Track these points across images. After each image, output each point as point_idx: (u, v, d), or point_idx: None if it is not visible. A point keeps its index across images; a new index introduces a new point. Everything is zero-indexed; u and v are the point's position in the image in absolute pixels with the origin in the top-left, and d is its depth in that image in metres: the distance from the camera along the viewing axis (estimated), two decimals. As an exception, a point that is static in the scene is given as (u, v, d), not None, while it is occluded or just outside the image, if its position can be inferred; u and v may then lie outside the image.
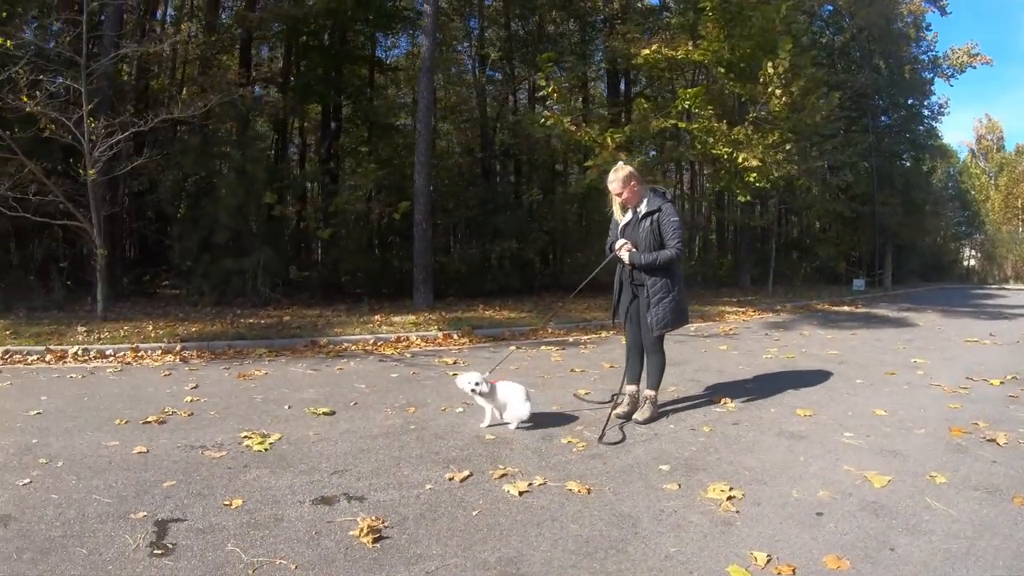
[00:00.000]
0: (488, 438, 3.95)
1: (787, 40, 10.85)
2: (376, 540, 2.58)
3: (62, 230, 8.31)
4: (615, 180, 4.29)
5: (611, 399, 4.62)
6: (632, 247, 4.28)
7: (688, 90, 11.36)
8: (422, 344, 8.04)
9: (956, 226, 39.12)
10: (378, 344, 7.85)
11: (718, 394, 5.11)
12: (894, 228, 21.86)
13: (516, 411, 4.13)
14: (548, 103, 11.19)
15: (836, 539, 2.64)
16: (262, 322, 8.83)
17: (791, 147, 11.62)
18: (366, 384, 5.54)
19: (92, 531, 2.66)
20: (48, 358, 6.41)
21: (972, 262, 43.16)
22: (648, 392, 4.46)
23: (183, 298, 10.16)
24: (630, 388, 4.55)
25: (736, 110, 12.28)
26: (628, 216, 4.37)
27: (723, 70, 11.83)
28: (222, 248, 10.17)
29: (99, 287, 8.03)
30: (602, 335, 8.79)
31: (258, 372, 6.01)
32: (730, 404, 4.82)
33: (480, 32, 16.24)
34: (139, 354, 6.66)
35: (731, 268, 18.00)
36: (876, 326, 10.21)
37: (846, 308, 13.11)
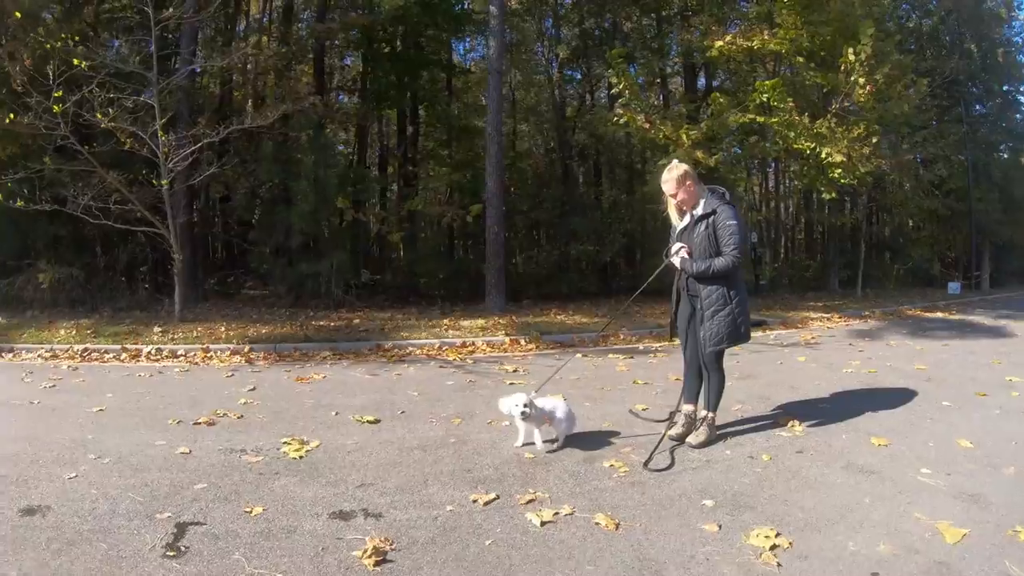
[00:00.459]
0: (527, 457, 3.74)
1: (868, 24, 10.02)
2: (378, 563, 2.47)
3: (145, 236, 8.95)
4: (669, 180, 3.98)
5: (668, 417, 4.30)
6: (688, 253, 3.96)
7: (765, 82, 10.68)
8: (487, 349, 7.90)
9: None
10: (443, 349, 7.80)
11: (787, 415, 4.66)
12: (992, 226, 20.15)
13: (558, 429, 3.88)
14: (620, 100, 10.84)
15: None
16: (332, 324, 9.01)
17: (878, 140, 10.73)
18: (419, 391, 5.45)
19: (117, 528, 2.79)
20: (123, 357, 6.81)
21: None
22: (706, 414, 4.11)
23: (261, 300, 10.68)
24: (687, 407, 4.22)
25: (820, 102, 11.49)
26: (686, 219, 4.04)
27: (802, 59, 11.08)
28: (297, 252, 10.59)
29: (177, 289, 8.55)
30: (675, 342, 8.35)
31: (317, 375, 6.08)
32: (798, 427, 4.36)
33: (555, 31, 16.13)
34: (208, 355, 6.95)
35: (819, 270, 17.12)
36: (970, 336, 9.30)
37: (939, 314, 12.11)
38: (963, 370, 6.48)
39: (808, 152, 10.87)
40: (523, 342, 8.35)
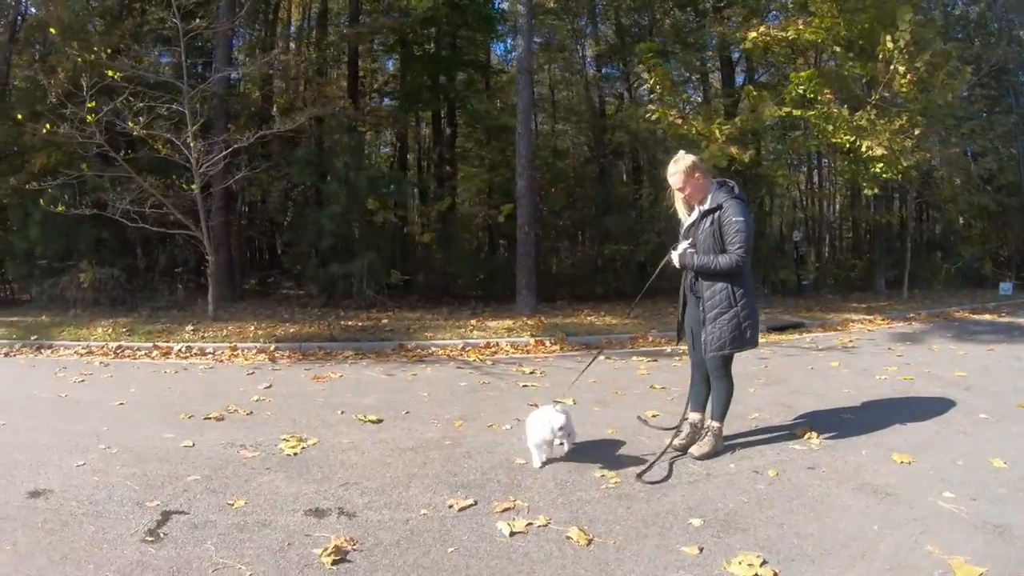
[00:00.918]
0: (518, 462, 3.66)
1: (906, 9, 9.50)
2: (336, 562, 2.51)
3: (183, 238, 9.40)
4: (675, 172, 3.78)
5: (677, 425, 4.09)
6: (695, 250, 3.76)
7: (800, 74, 10.27)
8: (511, 350, 7.88)
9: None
10: (465, 349, 7.83)
11: (806, 425, 4.37)
12: (1047, 222, 18.68)
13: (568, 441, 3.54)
14: (652, 96, 10.69)
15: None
16: (359, 324, 9.20)
17: (921, 132, 10.17)
18: (430, 392, 5.49)
19: (108, 512, 3.00)
20: (154, 354, 7.13)
21: None
22: (711, 423, 3.90)
23: (295, 300, 11.03)
24: (693, 416, 4.03)
25: (862, 94, 10.99)
26: (693, 215, 3.84)
27: (839, 49, 10.62)
28: (329, 253, 10.89)
29: (210, 289, 8.92)
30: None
31: (333, 375, 6.22)
32: (814, 440, 4.07)
33: (592, 28, 16.06)
34: (235, 353, 7.21)
35: (865, 270, 16.41)
36: (1019, 340, 8.71)
37: (988, 316, 11.46)
38: (1007, 378, 6.05)
39: (848, 146, 10.46)
40: (548, 343, 8.31)
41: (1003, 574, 2.51)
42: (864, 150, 10.13)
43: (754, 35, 10.97)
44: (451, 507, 3.06)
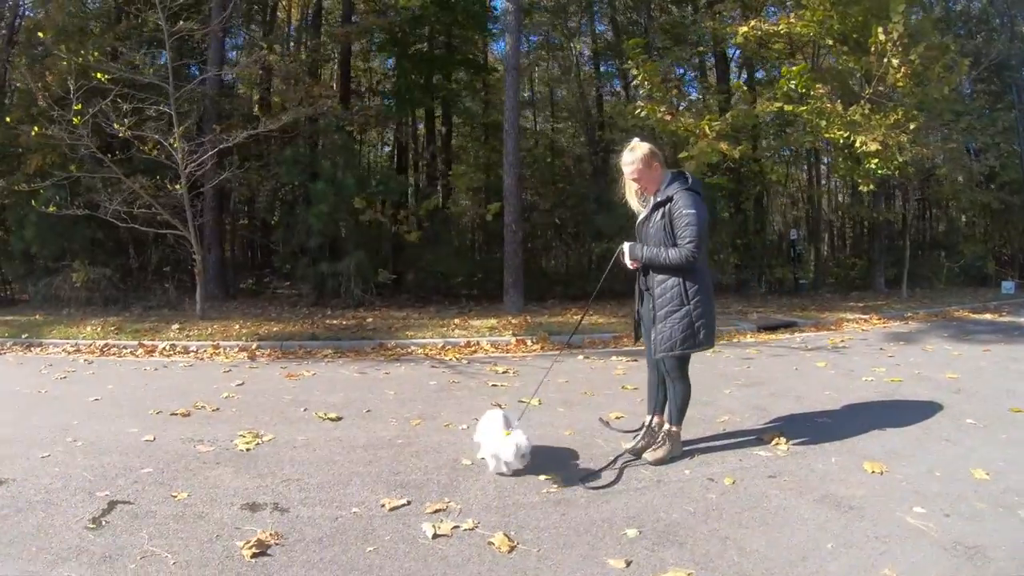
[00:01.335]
0: (464, 463, 3.71)
1: (899, 1, 9.43)
2: (256, 555, 2.62)
3: (175, 238, 9.68)
4: (631, 162, 3.63)
5: (638, 428, 4.01)
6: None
7: (792, 68, 10.30)
8: (491, 350, 8.03)
9: None
10: (445, 348, 8.01)
11: (776, 430, 4.26)
12: (1050, 220, 18.40)
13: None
14: (641, 92, 10.76)
15: None
16: (343, 323, 9.43)
17: (916, 126, 10.10)
18: (396, 391, 5.61)
19: (59, 501, 3.18)
20: (139, 352, 7.43)
21: None
22: (668, 427, 3.79)
23: (285, 299, 11.30)
24: (652, 419, 3.93)
25: (858, 88, 10.94)
26: (648, 207, 3.72)
27: (832, 42, 10.59)
28: (317, 252, 11.15)
29: (198, 288, 9.20)
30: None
31: (307, 373, 6.42)
32: (782, 445, 3.96)
33: (588, 25, 16.17)
34: (217, 351, 7.47)
35: (865, 270, 16.32)
36: (1017, 340, 8.60)
37: (988, 316, 11.38)
38: (1001, 380, 5.91)
39: (841, 141, 10.46)
40: (529, 343, 8.44)
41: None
42: (858, 145, 10.12)
43: (745, 29, 11.02)
44: (383, 506, 3.13)
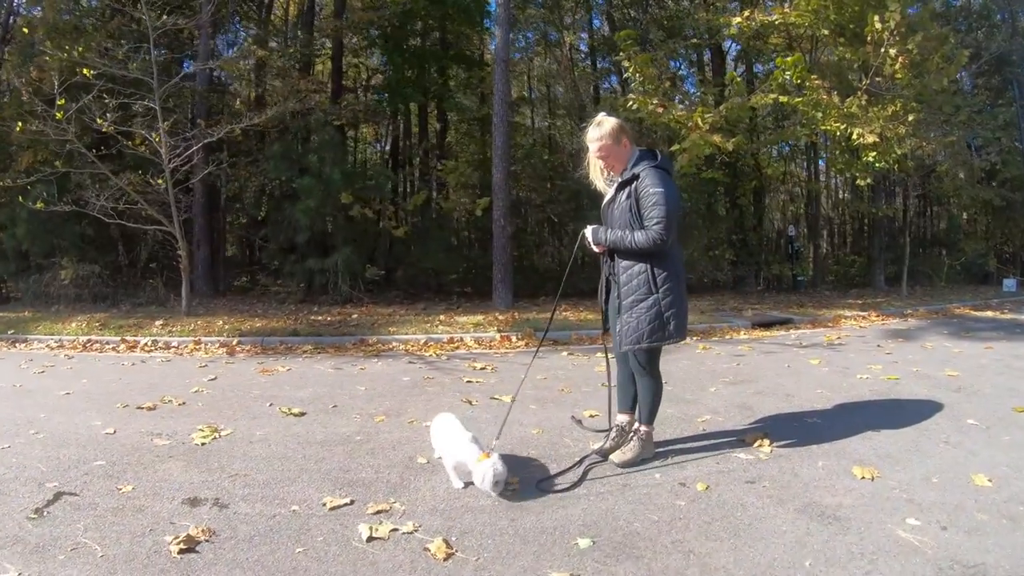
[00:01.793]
0: (419, 461, 3.62)
1: None
2: (183, 552, 2.62)
3: (164, 234, 9.81)
4: (598, 137, 3.35)
5: (608, 428, 3.82)
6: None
7: (787, 59, 10.22)
8: (473, 346, 8.09)
9: None
10: (427, 344, 8.08)
11: (761, 431, 4.05)
12: (1053, 217, 18.28)
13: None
14: (632, 85, 10.72)
15: None
16: (327, 319, 9.56)
17: (915, 118, 10.03)
18: (368, 387, 5.63)
19: (11, 491, 3.27)
20: (121, 348, 7.59)
21: None
22: (639, 427, 3.58)
23: (274, 296, 11.43)
24: (621, 418, 3.74)
25: (857, 80, 10.86)
26: (613, 187, 3.49)
27: (827, 32, 10.51)
28: (305, 248, 11.28)
29: (184, 285, 9.33)
30: (683, 343, 8.09)
31: (282, 368, 6.50)
32: (765, 447, 3.75)
33: (585, 19, 16.18)
34: (198, 346, 7.62)
35: (865, 267, 16.31)
36: (1020, 337, 8.51)
37: (990, 313, 11.34)
38: (1003, 379, 5.73)
39: (838, 134, 10.42)
40: (514, 339, 8.49)
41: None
42: (855, 138, 10.07)
43: (739, 20, 10.98)
44: (324, 505, 3.05)
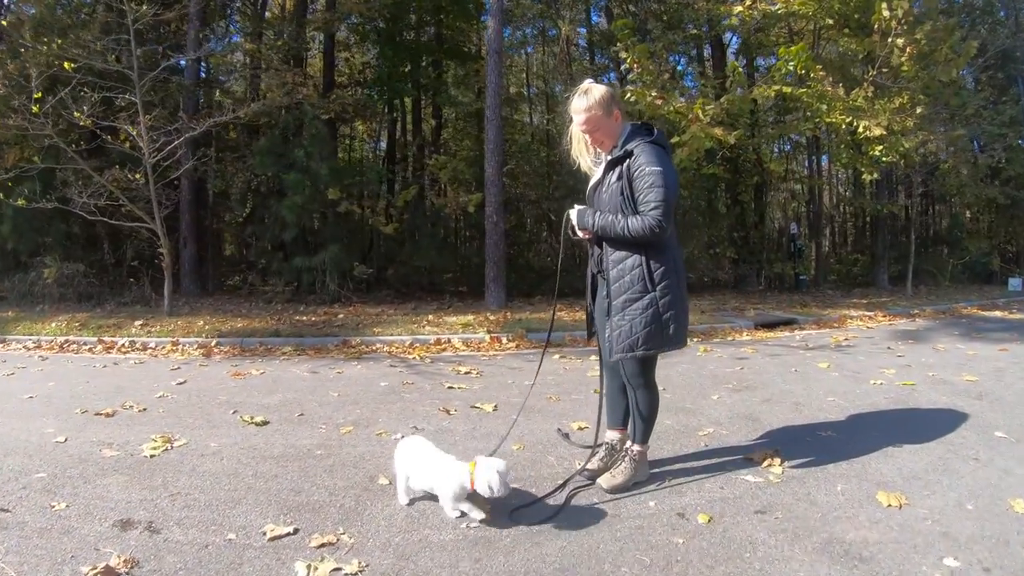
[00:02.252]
0: (380, 482, 3.33)
1: None
2: None
3: (148, 232, 9.67)
4: (585, 108, 2.89)
5: (593, 443, 3.39)
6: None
7: (790, 48, 9.93)
8: (461, 347, 7.93)
9: None
10: (413, 346, 7.92)
11: (770, 446, 3.69)
12: (1057, 216, 17.97)
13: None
14: (630, 76, 10.47)
15: None
16: (312, 320, 9.42)
17: (922, 110, 9.78)
18: (342, 392, 5.44)
19: None
20: (98, 348, 7.49)
21: None
22: (631, 446, 3.18)
23: (261, 295, 11.30)
24: (612, 435, 3.36)
25: (861, 73, 10.61)
26: (601, 167, 3.08)
27: (831, 22, 10.20)
28: (292, 246, 11.14)
29: (166, 283, 9.22)
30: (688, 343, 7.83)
31: (256, 371, 6.36)
32: (776, 468, 3.39)
33: (585, 14, 16.07)
34: (175, 347, 7.51)
35: (868, 266, 16.11)
36: None
37: (998, 313, 11.12)
38: None
39: (843, 127, 10.17)
40: (504, 340, 8.31)
41: None
42: (861, 131, 9.83)
43: (739, 9, 10.75)
44: (264, 534, 2.77)
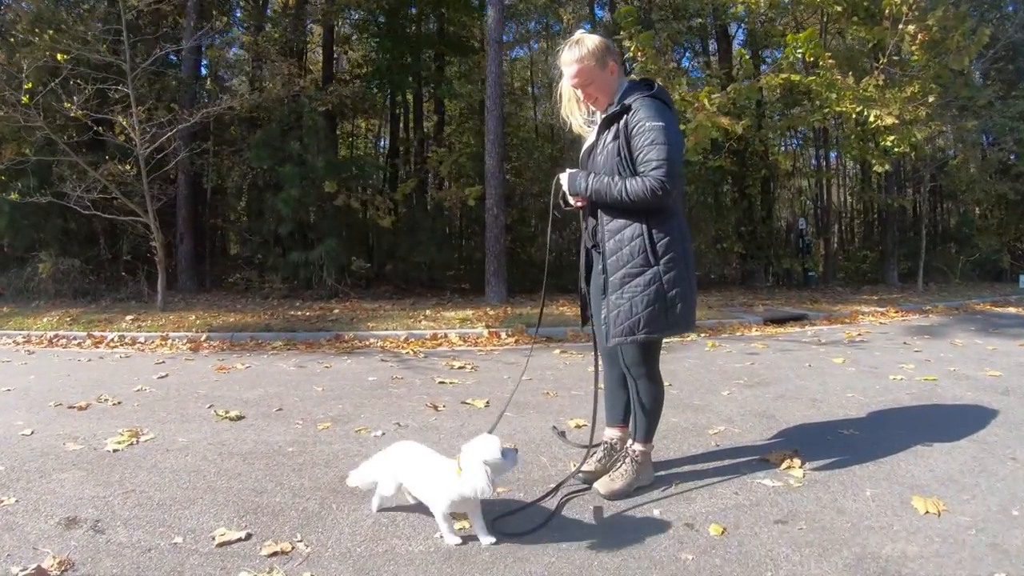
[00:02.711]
0: (349, 486, 2.98)
1: None
2: None
3: (144, 227, 9.61)
4: (577, 59, 2.56)
5: (589, 443, 3.04)
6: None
7: (798, 35, 9.65)
8: (458, 343, 7.78)
9: None
10: (408, 341, 7.76)
11: (788, 446, 3.38)
12: (1069, 213, 17.72)
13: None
14: (634, 66, 10.25)
15: None
16: (306, 314, 9.31)
17: (934, 99, 9.52)
18: (327, 387, 5.29)
19: None
20: (87, 343, 7.41)
21: None
22: (633, 446, 2.86)
23: (257, 291, 11.20)
24: (611, 433, 3.05)
25: (869, 65, 10.39)
26: (596, 127, 2.76)
27: (840, 9, 9.93)
28: (288, 240, 11.05)
29: (159, 278, 9.15)
30: (690, 338, 7.61)
31: (241, 366, 6.25)
32: (796, 470, 3.07)
33: (590, 8, 15.96)
34: (164, 342, 7.41)
35: (877, 262, 15.97)
36: None
37: (1012, 309, 10.85)
38: None
39: (854, 116, 9.94)
40: (503, 335, 8.16)
41: None
42: (872, 120, 9.59)
43: (747, -3, 10.52)
44: (213, 539, 2.57)
